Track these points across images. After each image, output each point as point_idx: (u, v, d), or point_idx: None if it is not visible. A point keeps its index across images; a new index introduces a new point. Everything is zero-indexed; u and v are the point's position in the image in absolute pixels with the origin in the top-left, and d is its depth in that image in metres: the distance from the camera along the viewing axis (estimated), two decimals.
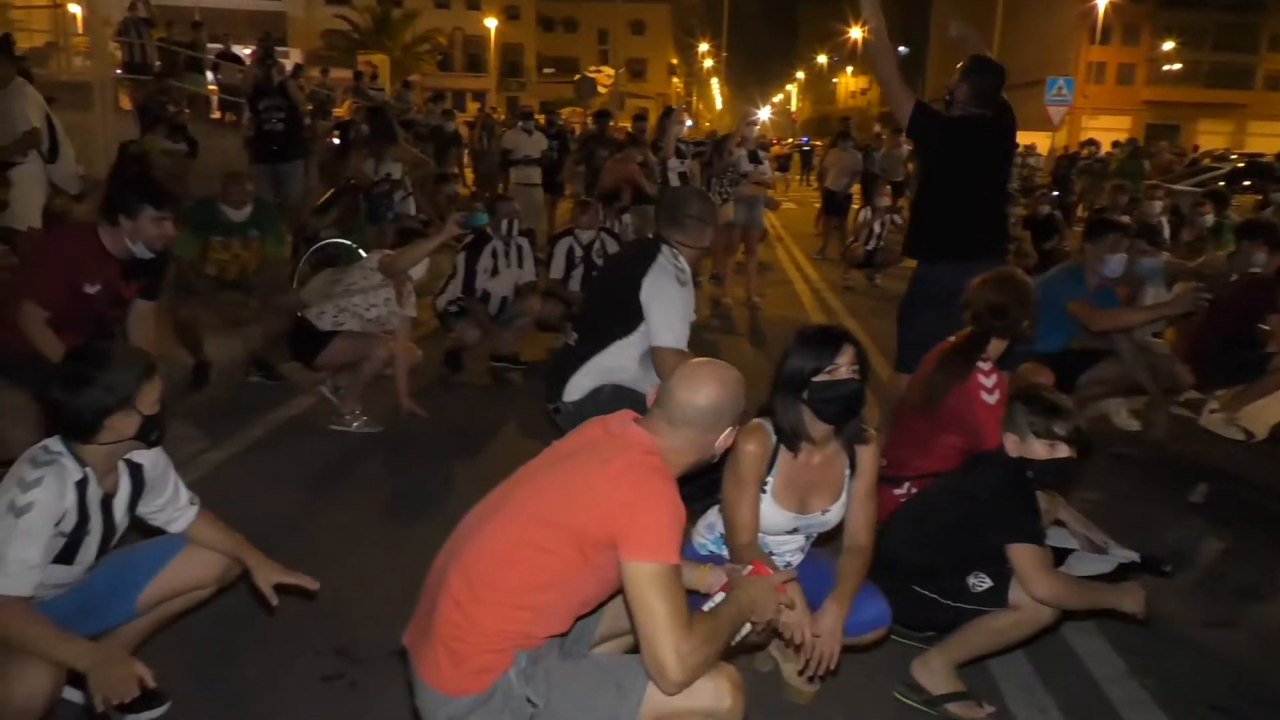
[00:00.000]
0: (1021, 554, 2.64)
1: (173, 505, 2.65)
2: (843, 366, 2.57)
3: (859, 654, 2.83)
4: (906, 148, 14.08)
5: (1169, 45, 51.08)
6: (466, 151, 16.70)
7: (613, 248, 6.92)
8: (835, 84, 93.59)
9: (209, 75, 16.22)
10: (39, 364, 3.52)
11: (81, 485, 2.36)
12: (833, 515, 2.71)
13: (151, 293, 4.29)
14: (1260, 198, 13.80)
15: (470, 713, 2.02)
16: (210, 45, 16.63)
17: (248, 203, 5.86)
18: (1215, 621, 3.54)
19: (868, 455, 2.71)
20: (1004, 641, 2.79)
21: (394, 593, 3.36)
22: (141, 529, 2.68)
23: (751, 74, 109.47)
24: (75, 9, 17.16)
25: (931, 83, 63.66)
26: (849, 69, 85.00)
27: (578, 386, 3.74)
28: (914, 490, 3.19)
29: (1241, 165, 18.27)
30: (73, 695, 2.59)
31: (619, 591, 2.11)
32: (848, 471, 2.71)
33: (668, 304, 3.64)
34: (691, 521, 2.68)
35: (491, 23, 48.95)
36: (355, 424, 5.11)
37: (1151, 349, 5.62)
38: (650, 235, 4.03)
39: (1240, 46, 52.77)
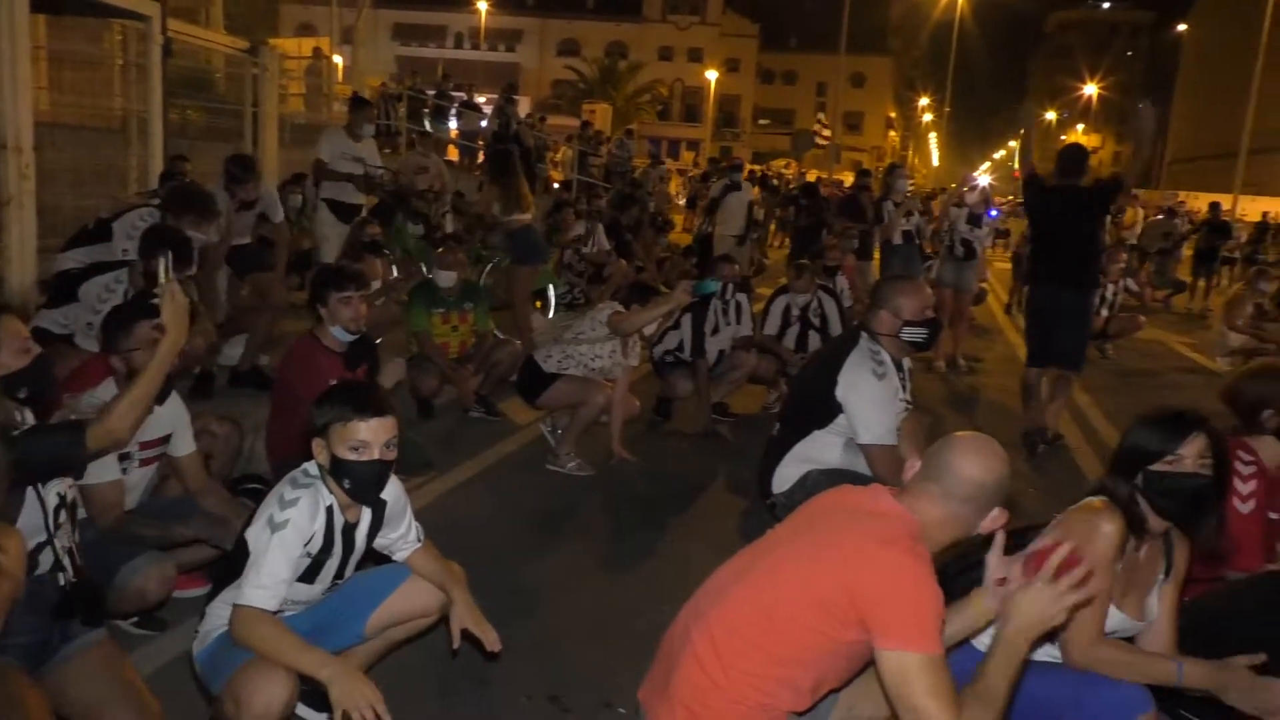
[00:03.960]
0: None
1: (403, 539, 2.77)
2: (1188, 458, 2.29)
3: None
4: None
5: None
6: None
7: (830, 307, 6.80)
8: (1064, 141, 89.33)
9: (452, 123, 17.37)
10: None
11: (330, 510, 2.50)
12: (1139, 624, 2.44)
13: (373, 373, 4.44)
14: None
15: None
16: (453, 94, 17.83)
17: (457, 269, 6.03)
18: None
19: (1183, 555, 2.44)
20: None
21: (603, 640, 3.39)
22: (373, 556, 2.81)
23: (973, 129, 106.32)
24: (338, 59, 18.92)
25: (1173, 137, 59.69)
26: (1079, 126, 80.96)
27: (784, 477, 3.83)
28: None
29: None
30: (306, 714, 2.72)
31: (858, 674, 2.01)
32: (1161, 575, 2.44)
33: (864, 400, 3.64)
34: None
35: (712, 75, 50.01)
36: (569, 465, 5.21)
37: None
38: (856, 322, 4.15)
39: None
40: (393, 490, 2.64)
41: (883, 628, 1.87)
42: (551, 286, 9.39)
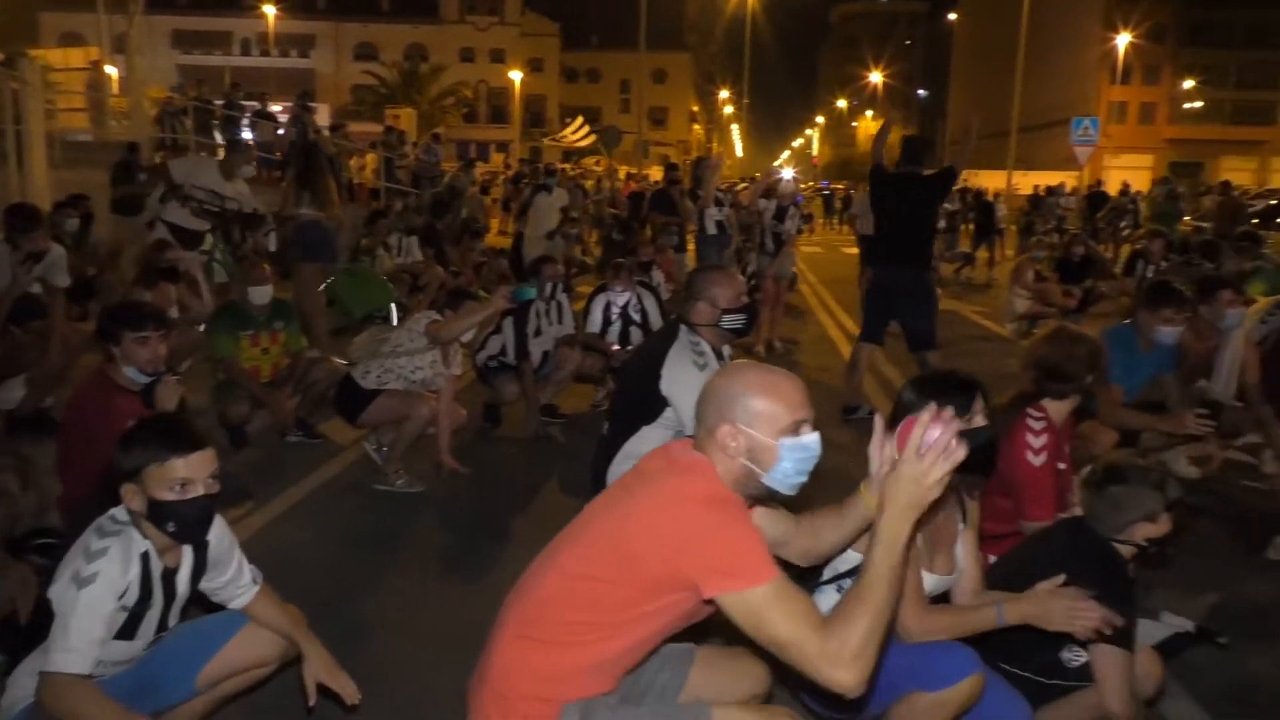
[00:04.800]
0: (1108, 659, 2.44)
1: (235, 583, 2.58)
2: (978, 415, 2.49)
3: None
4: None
5: (1190, 84, 51.43)
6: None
7: (650, 303, 6.85)
8: (855, 127, 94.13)
9: (245, 134, 16.48)
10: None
11: (145, 558, 2.30)
12: (952, 577, 2.58)
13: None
14: None
15: None
16: (244, 103, 16.93)
17: (268, 283, 5.69)
18: None
19: (975, 506, 2.62)
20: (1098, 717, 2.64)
21: (451, 660, 3.26)
22: (202, 604, 2.61)
23: (772, 119, 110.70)
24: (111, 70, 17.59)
25: (951, 120, 64.02)
26: (869, 113, 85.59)
27: (617, 475, 3.77)
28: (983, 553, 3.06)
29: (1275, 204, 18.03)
30: None
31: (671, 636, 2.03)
32: (960, 525, 2.60)
33: (688, 392, 3.62)
34: None
35: (516, 75, 49.72)
36: (398, 483, 5.04)
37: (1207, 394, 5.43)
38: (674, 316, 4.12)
39: (1263, 84, 52.90)
40: (216, 529, 2.46)
41: (710, 579, 1.81)
42: (394, 305, 9.13)
